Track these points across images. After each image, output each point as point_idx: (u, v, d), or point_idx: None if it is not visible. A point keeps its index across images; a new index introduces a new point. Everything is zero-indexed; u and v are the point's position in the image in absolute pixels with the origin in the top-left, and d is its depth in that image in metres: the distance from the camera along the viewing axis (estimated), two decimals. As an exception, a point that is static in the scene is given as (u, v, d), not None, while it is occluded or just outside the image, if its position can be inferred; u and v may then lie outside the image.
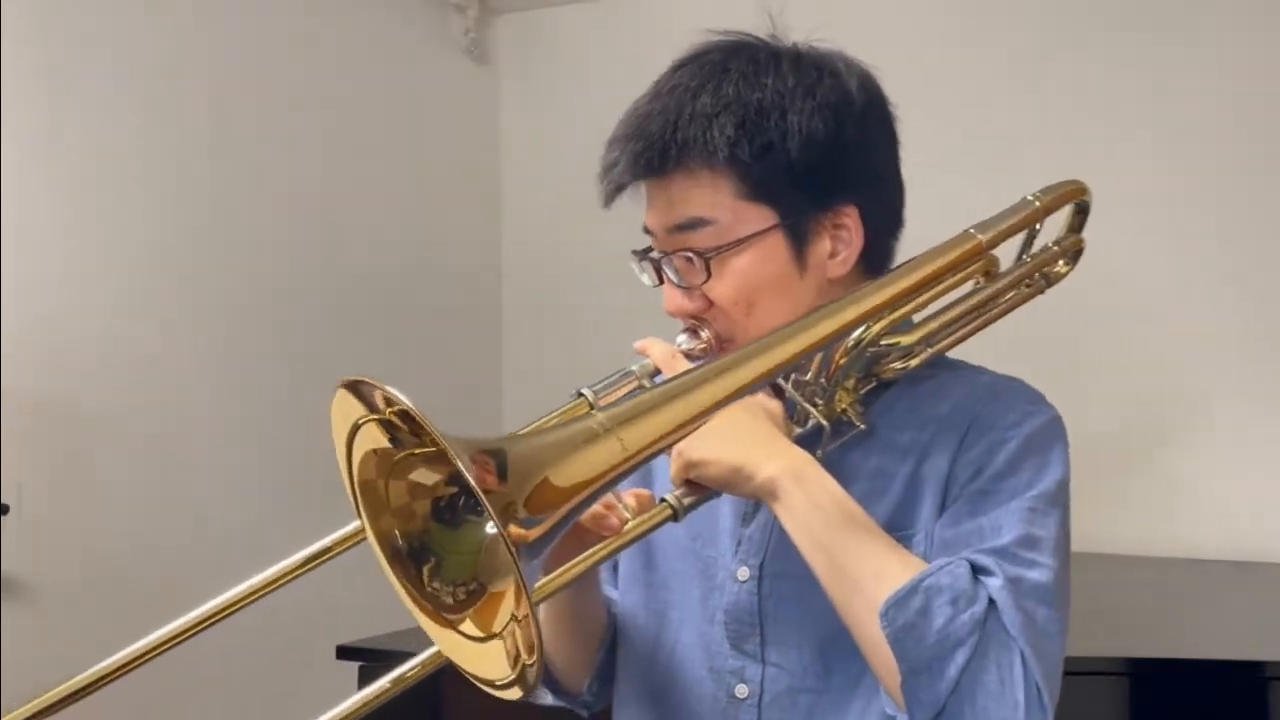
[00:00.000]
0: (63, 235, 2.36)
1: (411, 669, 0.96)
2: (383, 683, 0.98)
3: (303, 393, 2.85)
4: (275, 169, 2.74)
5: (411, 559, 0.92)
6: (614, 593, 1.28)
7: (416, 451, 0.89)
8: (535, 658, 0.84)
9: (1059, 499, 1.07)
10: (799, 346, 1.04)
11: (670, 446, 0.99)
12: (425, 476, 0.91)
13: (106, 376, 2.41)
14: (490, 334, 3.47)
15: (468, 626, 0.90)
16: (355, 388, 0.90)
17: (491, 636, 0.88)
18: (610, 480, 0.93)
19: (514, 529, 0.85)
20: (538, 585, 0.94)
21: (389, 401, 0.88)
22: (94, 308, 2.41)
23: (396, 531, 0.94)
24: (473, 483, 0.81)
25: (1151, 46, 2.81)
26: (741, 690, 1.13)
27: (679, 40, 1.17)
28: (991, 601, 0.99)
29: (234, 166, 2.65)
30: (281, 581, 1.05)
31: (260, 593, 1.02)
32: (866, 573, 0.99)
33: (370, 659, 2.13)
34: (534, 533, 0.87)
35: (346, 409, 0.92)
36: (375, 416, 0.91)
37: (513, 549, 0.83)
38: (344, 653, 2.19)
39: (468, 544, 0.84)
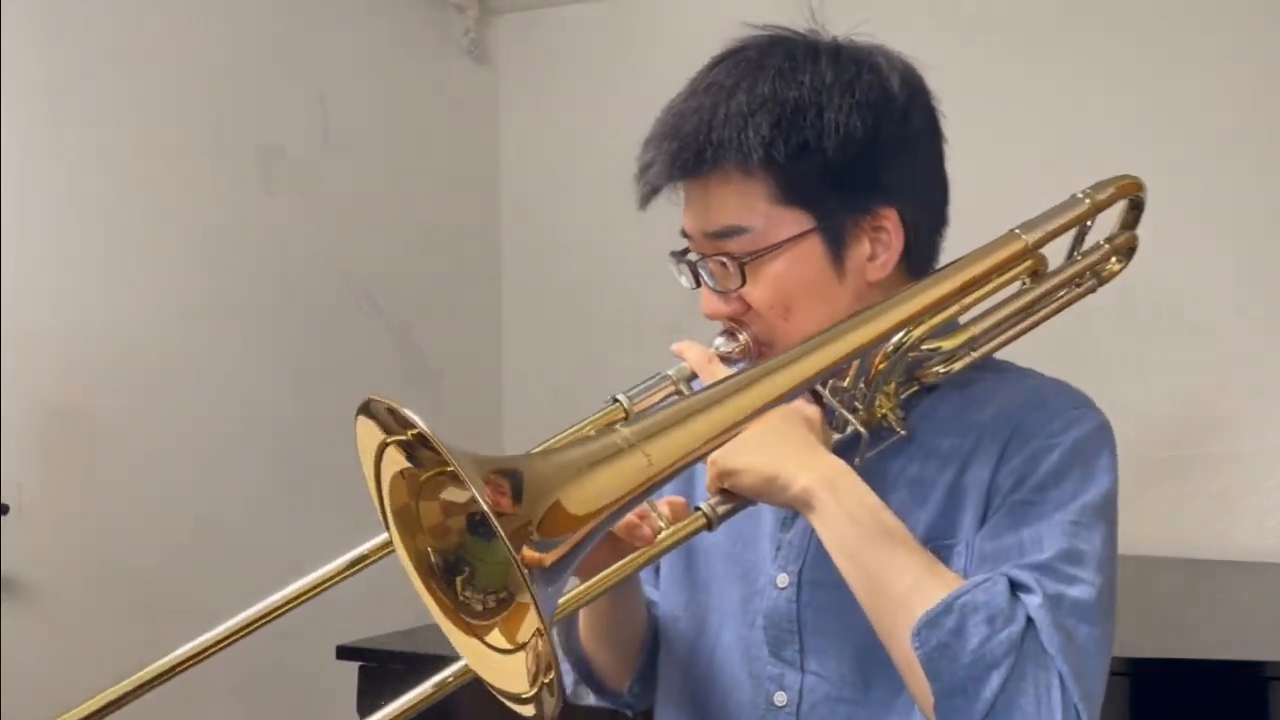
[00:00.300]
0: (63, 235, 2.36)
1: (451, 674, 0.96)
2: (425, 687, 0.96)
3: (304, 393, 2.84)
4: (275, 168, 2.74)
5: (446, 573, 0.91)
6: (655, 594, 1.27)
7: (446, 469, 0.88)
8: (553, 676, 0.83)
9: (1104, 511, 1.03)
10: (833, 356, 1.02)
11: (702, 459, 0.97)
12: (456, 494, 0.90)
13: (107, 376, 2.41)
14: (490, 333, 3.47)
15: (495, 637, 0.88)
16: (374, 411, 0.88)
17: (517, 648, 0.87)
18: (635, 498, 0.91)
19: (529, 552, 0.83)
20: (567, 597, 0.93)
21: (407, 424, 0.87)
22: (94, 307, 2.41)
23: (430, 549, 0.92)
24: (485, 505, 0.80)
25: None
26: (780, 698, 1.12)
27: (679, 40, 1.17)
28: (1030, 620, 0.96)
29: (233, 166, 2.65)
30: (313, 593, 1.04)
31: (293, 603, 1.01)
32: (901, 589, 0.97)
33: (370, 659, 2.13)
34: (550, 556, 0.84)
35: (368, 432, 0.90)
36: (397, 438, 0.89)
37: (525, 573, 0.81)
38: (344, 653, 2.19)
39: (500, 553, 0.82)
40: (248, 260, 2.72)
